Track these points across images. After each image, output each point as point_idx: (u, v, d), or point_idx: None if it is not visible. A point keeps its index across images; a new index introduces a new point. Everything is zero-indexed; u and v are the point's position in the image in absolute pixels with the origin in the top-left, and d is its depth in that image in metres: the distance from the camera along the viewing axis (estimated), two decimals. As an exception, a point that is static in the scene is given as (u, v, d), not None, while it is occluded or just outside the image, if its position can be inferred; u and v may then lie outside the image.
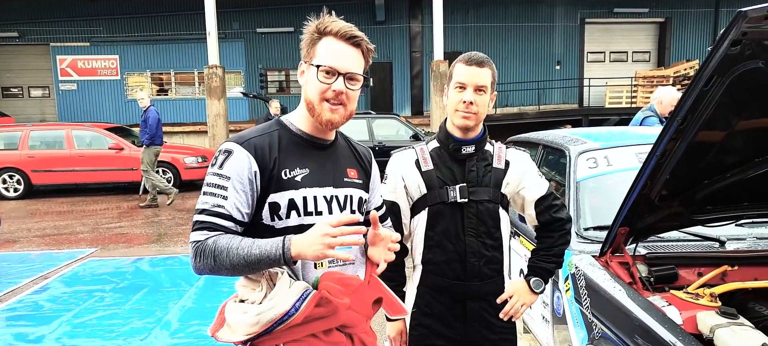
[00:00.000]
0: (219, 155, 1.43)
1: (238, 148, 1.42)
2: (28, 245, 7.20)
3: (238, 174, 1.40)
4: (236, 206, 1.40)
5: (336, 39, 1.45)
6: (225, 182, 1.40)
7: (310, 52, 1.48)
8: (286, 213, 1.44)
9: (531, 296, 1.95)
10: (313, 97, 1.46)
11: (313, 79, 1.45)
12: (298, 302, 1.37)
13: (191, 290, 5.08)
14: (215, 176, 1.41)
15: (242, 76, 19.62)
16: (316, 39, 1.47)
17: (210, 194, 1.41)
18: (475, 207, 1.87)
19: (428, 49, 17.33)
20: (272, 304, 1.37)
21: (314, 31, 1.47)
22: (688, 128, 1.85)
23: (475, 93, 1.82)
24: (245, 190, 1.41)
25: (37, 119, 18.41)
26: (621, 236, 2.26)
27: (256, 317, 1.37)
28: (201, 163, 11.63)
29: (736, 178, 2.13)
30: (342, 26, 1.46)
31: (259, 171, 1.42)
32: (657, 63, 20.57)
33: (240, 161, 1.41)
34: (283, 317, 1.36)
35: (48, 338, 4.07)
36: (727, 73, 1.68)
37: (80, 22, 18.73)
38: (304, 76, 1.50)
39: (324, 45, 1.46)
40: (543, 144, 3.52)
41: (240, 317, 1.40)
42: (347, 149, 1.64)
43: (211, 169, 1.43)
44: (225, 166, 1.41)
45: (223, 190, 1.40)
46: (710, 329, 1.85)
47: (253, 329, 1.37)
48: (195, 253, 1.38)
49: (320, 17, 1.48)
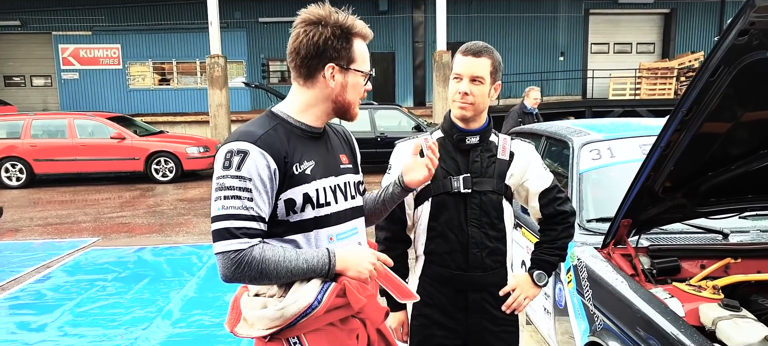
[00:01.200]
0: (232, 157, 1.36)
1: (253, 148, 1.37)
2: (30, 233, 7.23)
3: (258, 174, 1.36)
4: (261, 206, 1.37)
5: (362, 40, 1.49)
6: (248, 184, 1.35)
7: (343, 54, 1.45)
8: (301, 207, 1.43)
9: (534, 289, 1.95)
10: (355, 99, 1.51)
11: (359, 84, 1.50)
12: (320, 295, 1.39)
13: (193, 279, 5.09)
14: (235, 179, 1.34)
15: (244, 66, 19.57)
16: (347, 41, 1.45)
17: (234, 197, 1.34)
18: (478, 198, 1.86)
19: (431, 40, 17.24)
20: (295, 298, 1.38)
21: (342, 31, 1.44)
22: (692, 119, 1.83)
23: (471, 83, 1.81)
24: (267, 190, 1.38)
25: (40, 108, 18.44)
26: (624, 228, 2.25)
27: (280, 312, 1.37)
28: (203, 153, 11.65)
29: (740, 170, 2.11)
30: (367, 29, 1.50)
31: (277, 169, 1.39)
32: (662, 55, 20.45)
33: (258, 161, 1.36)
34: (307, 310, 1.38)
35: (50, 327, 4.08)
36: (734, 64, 1.66)
37: (82, 11, 18.68)
38: (335, 78, 1.46)
39: (358, 49, 1.47)
40: (546, 135, 3.51)
41: (260, 312, 1.40)
42: (334, 136, 1.64)
43: (227, 171, 1.35)
44: (244, 168, 1.35)
45: (247, 192, 1.35)
46: (713, 321, 1.84)
47: (276, 323, 1.38)
48: (237, 263, 1.32)
49: (325, 9, 1.44)
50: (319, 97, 1.49)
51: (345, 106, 1.50)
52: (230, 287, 1.52)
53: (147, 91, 19.52)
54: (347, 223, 1.55)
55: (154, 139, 11.85)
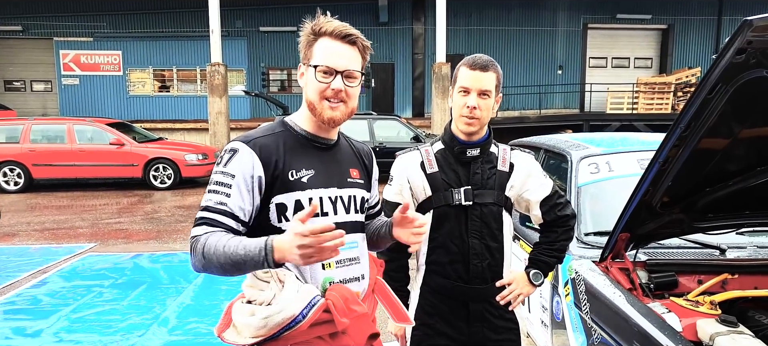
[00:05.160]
0: (224, 154, 1.45)
1: (243, 147, 1.43)
2: (27, 238, 7.20)
3: (242, 172, 1.41)
4: (239, 204, 1.40)
5: (331, 39, 1.47)
6: (229, 180, 1.40)
7: (307, 53, 1.50)
8: (293, 214, 1.44)
9: (529, 287, 1.97)
10: (313, 97, 1.48)
11: (312, 79, 1.48)
12: (306, 309, 1.38)
13: (190, 287, 5.07)
14: (220, 174, 1.42)
15: (244, 74, 19.62)
16: (313, 40, 1.49)
17: (214, 191, 1.42)
18: (479, 209, 1.87)
19: (430, 52, 17.33)
20: (280, 307, 1.36)
21: (310, 32, 1.49)
22: (691, 135, 1.85)
23: (479, 97, 1.82)
24: (249, 189, 1.42)
25: (39, 113, 18.44)
26: (622, 242, 2.26)
27: (264, 321, 1.36)
28: (201, 160, 11.65)
29: (737, 186, 2.13)
30: (337, 26, 1.48)
31: (263, 170, 1.43)
32: (659, 70, 20.56)
33: (245, 160, 1.42)
34: (291, 323, 1.37)
35: (46, 333, 4.07)
36: (732, 82, 1.68)
37: (83, 17, 18.75)
38: (303, 77, 1.52)
39: (320, 45, 1.48)
40: (545, 148, 3.52)
41: (247, 319, 1.39)
42: (349, 149, 1.65)
43: (217, 167, 1.44)
44: (229, 165, 1.42)
45: (226, 188, 1.40)
46: (710, 336, 1.85)
47: (260, 332, 1.38)
48: (192, 248, 1.38)
49: (316, 19, 1.49)
50: (304, 100, 1.53)
51: (310, 104, 1.50)
52: (226, 295, 1.52)
53: (147, 97, 19.55)
54: (346, 236, 1.53)
55: (153, 145, 11.84)
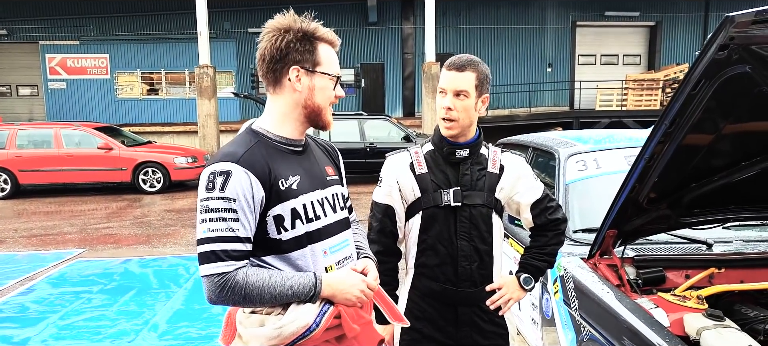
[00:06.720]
0: (215, 178, 1.35)
1: (236, 169, 1.35)
2: (14, 245, 7.12)
3: (244, 195, 1.35)
4: (247, 226, 1.36)
5: (328, 45, 1.48)
6: (232, 205, 1.33)
7: (306, 57, 1.44)
8: (291, 223, 1.42)
9: (520, 292, 1.96)
10: (324, 103, 1.49)
11: (327, 86, 1.48)
12: (319, 317, 1.40)
13: (180, 291, 5.04)
14: (220, 200, 1.33)
15: (233, 76, 19.53)
16: (311, 44, 1.44)
17: (219, 219, 1.33)
18: (468, 211, 1.86)
19: (420, 51, 17.33)
20: (294, 317, 1.37)
21: (305, 35, 1.44)
22: (676, 131, 1.86)
23: (455, 98, 1.81)
24: (252, 210, 1.37)
25: (26, 118, 18.21)
26: (609, 239, 2.27)
27: (278, 331, 1.36)
28: (191, 163, 11.58)
29: (723, 181, 2.15)
30: (332, 34, 1.49)
31: (262, 188, 1.38)
32: (647, 66, 20.73)
33: (243, 182, 1.35)
34: (305, 332, 1.37)
35: (33, 341, 4.02)
36: (715, 78, 1.69)
37: (70, 20, 18.55)
38: (303, 81, 1.45)
39: (324, 52, 1.46)
40: (533, 146, 3.53)
41: (256, 330, 1.38)
42: (318, 149, 1.64)
43: (211, 193, 1.34)
44: (228, 189, 1.34)
45: (232, 213, 1.33)
46: (697, 331, 1.86)
47: (273, 343, 1.37)
48: (221, 287, 1.32)
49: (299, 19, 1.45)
50: (291, 104, 1.47)
51: (315, 110, 1.48)
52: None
53: (135, 101, 19.39)
54: (338, 235, 1.54)
55: (141, 149, 11.75)
